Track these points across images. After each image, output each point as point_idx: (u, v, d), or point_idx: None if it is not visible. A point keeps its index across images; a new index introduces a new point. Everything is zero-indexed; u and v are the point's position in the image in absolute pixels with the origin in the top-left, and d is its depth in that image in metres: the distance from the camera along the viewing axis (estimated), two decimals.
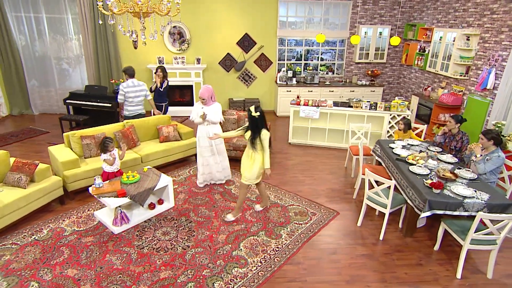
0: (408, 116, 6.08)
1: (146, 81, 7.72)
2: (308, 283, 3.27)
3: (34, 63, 8.41)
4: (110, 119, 6.92)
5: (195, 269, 3.37)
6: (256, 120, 3.84)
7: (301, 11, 8.48)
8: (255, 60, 8.70)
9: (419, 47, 7.86)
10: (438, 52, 6.98)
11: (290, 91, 8.34)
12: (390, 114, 6.15)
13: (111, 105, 7.12)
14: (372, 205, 3.99)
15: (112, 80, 7.74)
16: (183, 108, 8.57)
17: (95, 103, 7.19)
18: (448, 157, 4.35)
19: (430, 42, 7.32)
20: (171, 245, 3.72)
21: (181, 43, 8.38)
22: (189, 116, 4.82)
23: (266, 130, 3.88)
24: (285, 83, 8.47)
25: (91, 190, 3.93)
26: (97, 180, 3.96)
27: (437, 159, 4.33)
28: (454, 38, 6.43)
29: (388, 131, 6.30)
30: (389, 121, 6.19)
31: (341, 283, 3.28)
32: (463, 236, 3.32)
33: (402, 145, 4.78)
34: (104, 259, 3.48)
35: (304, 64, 8.95)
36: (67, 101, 7.45)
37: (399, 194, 4.06)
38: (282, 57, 8.86)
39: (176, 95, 8.65)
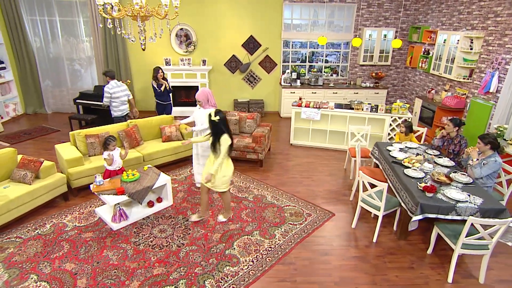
0: (409, 118, 6.06)
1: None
2: (297, 283, 3.32)
3: (48, 64, 8.71)
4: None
5: (187, 266, 3.46)
6: (216, 124, 3.74)
7: (306, 14, 8.52)
8: (259, 62, 8.78)
9: (424, 49, 7.79)
10: (442, 55, 6.92)
11: (294, 92, 8.38)
12: (391, 117, 6.13)
13: None
14: (366, 207, 4.01)
15: (119, 81, 7.91)
16: (188, 108, 8.71)
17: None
18: (445, 160, 4.33)
19: (435, 44, 7.25)
20: (167, 243, 3.83)
21: (188, 45, 8.52)
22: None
23: (227, 136, 3.75)
24: (289, 84, 8.53)
25: (92, 187, 4.08)
26: (98, 178, 4.10)
27: (434, 163, 4.31)
28: (458, 40, 6.36)
29: (389, 134, 6.28)
30: (390, 124, 6.17)
31: (330, 284, 3.32)
32: (454, 241, 3.32)
33: (400, 148, 4.77)
34: (101, 255, 3.61)
35: (309, 66, 8.98)
36: (77, 100, 7.70)
37: (394, 197, 4.07)
38: (287, 59, 8.91)
39: (182, 95, 8.79)
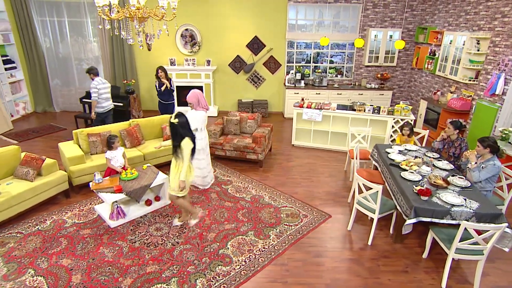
0: (411, 120, 5.98)
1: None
2: (288, 284, 3.33)
3: (57, 64, 8.92)
4: (122, 118, 7.21)
5: (180, 265, 3.50)
6: (175, 127, 3.64)
7: (311, 14, 8.48)
8: (264, 63, 8.79)
9: (430, 50, 7.67)
10: (448, 56, 6.80)
11: (298, 93, 8.37)
12: (394, 119, 6.06)
13: (123, 104, 7.42)
14: (361, 209, 3.98)
15: (124, 81, 8.06)
16: None
17: None
18: (444, 163, 4.26)
19: (441, 45, 7.13)
20: (162, 241, 3.88)
21: (193, 45, 8.60)
22: None
23: (189, 139, 3.64)
24: (293, 85, 8.51)
25: (91, 185, 4.16)
26: (97, 176, 4.19)
27: (433, 166, 4.25)
28: (464, 41, 6.25)
29: (391, 135, 6.21)
30: (392, 125, 6.10)
31: (321, 286, 3.31)
32: (449, 245, 3.27)
33: (399, 150, 4.72)
34: (97, 251, 3.68)
35: (313, 66, 8.94)
36: (83, 99, 7.85)
37: (390, 200, 4.03)
38: (292, 60, 8.89)
39: (187, 95, 8.85)
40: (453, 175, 3.96)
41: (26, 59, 8.46)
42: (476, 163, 3.88)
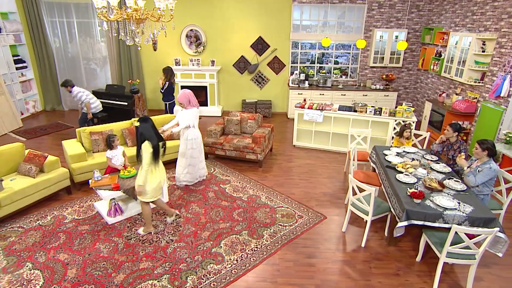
0: (413, 122, 5.90)
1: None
2: (278, 284, 3.35)
3: (66, 63, 9.14)
4: (127, 117, 7.34)
5: (173, 262, 3.56)
6: (137, 130, 3.60)
7: (315, 15, 8.44)
8: (268, 63, 8.81)
9: (436, 51, 7.55)
10: (454, 57, 6.68)
11: (301, 93, 8.35)
12: (395, 120, 5.99)
13: (127, 103, 7.56)
14: (355, 211, 3.96)
15: (129, 80, 8.20)
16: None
17: (114, 101, 7.67)
18: (441, 166, 4.20)
19: (447, 46, 7.02)
20: (157, 238, 3.95)
21: (197, 45, 8.68)
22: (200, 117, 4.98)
23: (148, 143, 3.55)
24: (297, 86, 8.50)
25: (90, 182, 4.26)
26: (96, 174, 4.28)
27: (430, 168, 4.20)
28: (470, 42, 6.13)
29: (393, 137, 6.14)
30: (394, 127, 6.04)
31: (311, 286, 3.32)
32: (440, 249, 3.23)
33: (397, 152, 4.68)
34: (94, 247, 3.78)
35: (319, 67, 8.89)
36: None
37: (385, 202, 4.01)
38: (296, 60, 8.87)
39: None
40: (449, 178, 3.90)
41: (37, 59, 8.70)
42: (468, 167, 3.84)
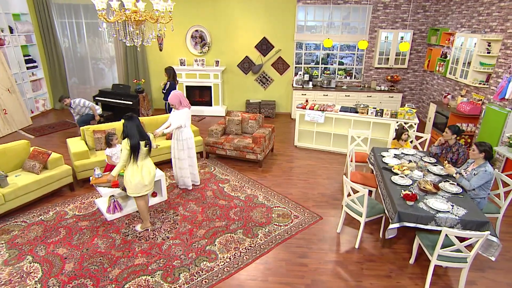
0: (414, 124, 5.85)
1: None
2: (268, 282, 3.38)
3: (75, 63, 9.37)
4: None
5: (167, 259, 3.64)
6: (122, 127, 3.69)
7: (320, 15, 8.42)
8: (272, 63, 8.83)
9: (442, 52, 7.45)
10: (459, 58, 6.59)
11: (305, 94, 8.35)
12: (397, 122, 5.95)
13: (132, 103, 7.70)
14: (350, 212, 3.97)
15: (134, 80, 8.34)
16: (202, 107, 8.96)
17: (119, 100, 7.82)
18: (438, 169, 4.17)
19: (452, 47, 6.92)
20: (153, 235, 4.03)
21: (202, 46, 8.77)
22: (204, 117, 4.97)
23: (127, 140, 3.63)
24: (301, 86, 8.51)
25: (91, 179, 4.38)
26: (96, 171, 4.39)
27: (427, 171, 4.17)
28: (475, 43, 6.04)
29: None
30: (396, 129, 5.98)
31: (301, 286, 3.34)
32: (432, 251, 3.22)
33: (395, 154, 4.65)
34: (92, 242, 3.88)
35: (324, 68, 8.87)
36: (96, 98, 8.19)
37: (380, 204, 4.00)
38: (300, 61, 8.87)
39: (196, 95, 9.06)
40: (445, 181, 3.87)
41: (47, 59, 8.94)
42: (457, 173, 3.84)
